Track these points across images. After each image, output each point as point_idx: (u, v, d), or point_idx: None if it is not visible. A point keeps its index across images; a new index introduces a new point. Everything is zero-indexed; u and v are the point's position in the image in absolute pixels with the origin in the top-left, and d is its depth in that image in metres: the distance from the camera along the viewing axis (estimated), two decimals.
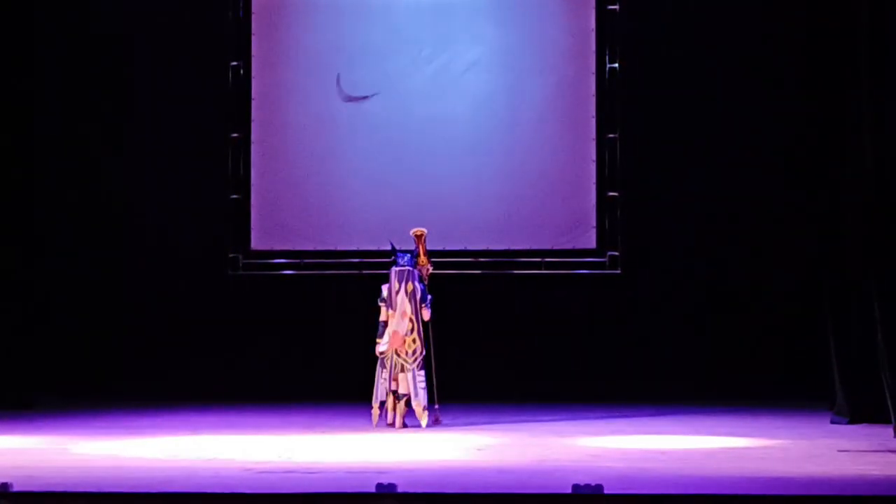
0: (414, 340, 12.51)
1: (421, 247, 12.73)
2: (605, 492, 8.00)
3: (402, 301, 12.49)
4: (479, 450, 10.83)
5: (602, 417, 13.33)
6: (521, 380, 15.21)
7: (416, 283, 12.57)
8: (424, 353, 12.53)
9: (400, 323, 12.47)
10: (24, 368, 14.49)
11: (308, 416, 13.46)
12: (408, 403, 12.45)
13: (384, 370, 12.48)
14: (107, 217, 15.72)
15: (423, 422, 12.44)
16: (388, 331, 12.48)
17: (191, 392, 14.97)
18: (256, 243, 15.71)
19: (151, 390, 15.18)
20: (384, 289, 12.61)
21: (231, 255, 15.69)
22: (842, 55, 12.84)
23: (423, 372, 12.51)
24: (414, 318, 12.50)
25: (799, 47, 14.44)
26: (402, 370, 12.44)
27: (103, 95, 15.76)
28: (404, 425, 12.39)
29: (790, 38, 14.88)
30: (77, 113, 15.72)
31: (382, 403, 12.48)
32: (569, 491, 8.05)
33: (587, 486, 8.03)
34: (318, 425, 12.67)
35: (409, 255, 12.67)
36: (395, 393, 12.43)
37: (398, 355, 12.47)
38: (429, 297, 12.61)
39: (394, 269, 12.62)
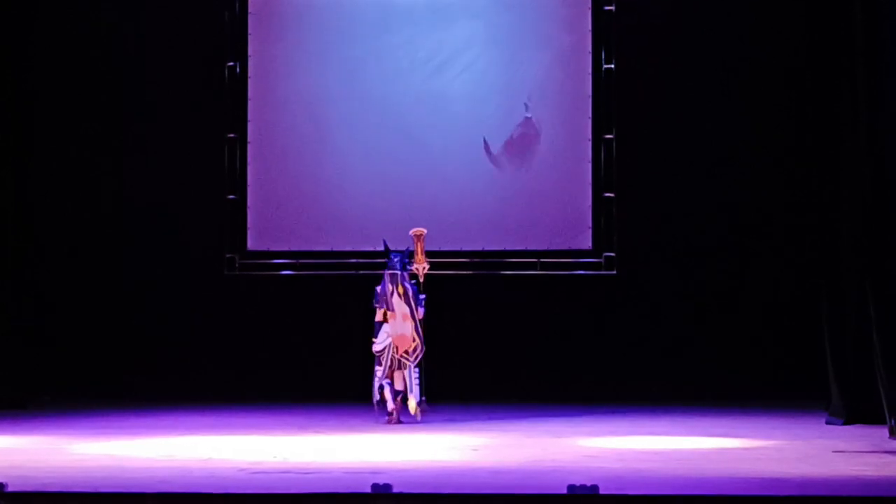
0: (413, 339, 12.64)
1: (419, 246, 12.79)
2: (601, 492, 8.01)
3: (399, 303, 12.62)
4: (474, 450, 10.83)
5: (597, 418, 13.33)
6: (515, 380, 15.21)
7: (407, 285, 12.67)
8: (424, 350, 12.64)
9: (403, 325, 12.64)
10: (23, 368, 14.50)
11: (303, 417, 13.45)
12: (404, 400, 12.61)
13: (379, 368, 12.65)
14: (105, 217, 15.71)
15: (418, 416, 12.62)
16: (390, 333, 12.65)
17: (186, 392, 14.97)
18: (253, 244, 15.69)
19: (147, 390, 15.17)
20: (378, 290, 12.70)
21: (228, 256, 15.68)
22: (839, 55, 12.85)
23: (418, 369, 12.63)
24: (412, 318, 12.60)
25: (796, 48, 14.45)
26: (400, 367, 12.58)
27: (101, 96, 15.74)
28: (399, 421, 12.56)
29: (787, 40, 14.87)
30: (76, 113, 15.71)
31: (381, 399, 12.66)
32: (564, 491, 8.06)
33: (583, 486, 8.04)
34: (313, 425, 12.68)
35: (399, 255, 12.74)
36: (394, 391, 12.64)
37: (397, 353, 12.59)
38: (422, 296, 12.70)
39: (386, 271, 12.71)
